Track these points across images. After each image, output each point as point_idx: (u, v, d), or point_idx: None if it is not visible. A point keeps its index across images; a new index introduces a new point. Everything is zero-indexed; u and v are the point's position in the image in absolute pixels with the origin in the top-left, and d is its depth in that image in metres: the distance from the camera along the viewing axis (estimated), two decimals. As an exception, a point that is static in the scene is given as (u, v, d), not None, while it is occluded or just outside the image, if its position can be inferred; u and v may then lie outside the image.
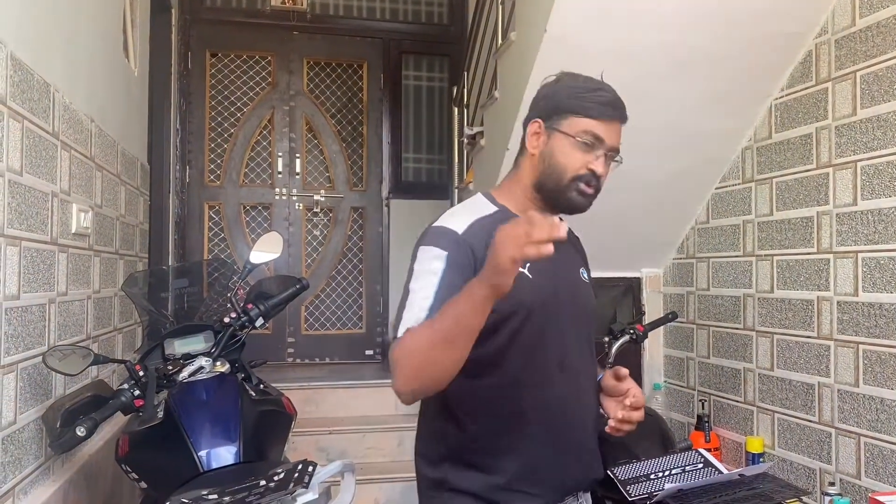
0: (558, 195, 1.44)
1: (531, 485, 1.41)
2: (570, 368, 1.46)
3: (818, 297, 2.69)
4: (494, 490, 1.40)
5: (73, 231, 2.33)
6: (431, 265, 1.35)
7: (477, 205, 1.49)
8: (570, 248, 1.58)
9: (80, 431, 1.72)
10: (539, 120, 1.46)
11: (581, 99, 1.43)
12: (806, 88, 2.77)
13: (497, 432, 1.41)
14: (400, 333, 1.30)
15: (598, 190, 1.44)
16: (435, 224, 1.43)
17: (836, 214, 2.61)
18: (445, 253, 1.35)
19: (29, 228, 1.95)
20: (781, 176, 2.89)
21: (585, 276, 1.59)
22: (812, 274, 2.72)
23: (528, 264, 1.38)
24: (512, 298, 1.27)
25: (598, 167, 1.41)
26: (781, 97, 2.90)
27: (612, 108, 1.43)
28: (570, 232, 1.58)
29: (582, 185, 1.42)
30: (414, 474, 1.53)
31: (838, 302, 2.60)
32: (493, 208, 1.47)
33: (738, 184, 3.16)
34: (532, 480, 1.41)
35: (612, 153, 1.43)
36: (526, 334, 1.40)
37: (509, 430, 1.41)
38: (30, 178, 1.95)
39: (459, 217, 1.43)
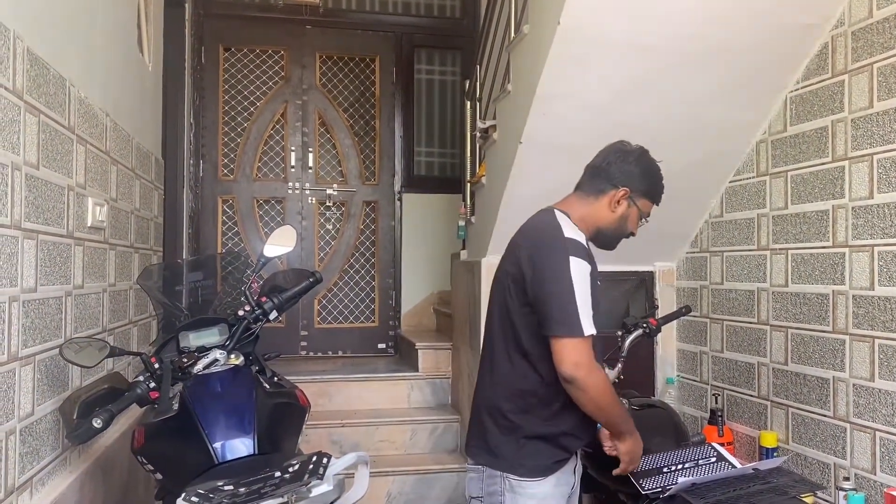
0: (609, 242, 2.00)
1: (586, 434, 1.88)
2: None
3: (833, 291, 2.67)
4: (558, 436, 1.82)
5: (89, 224, 2.35)
6: (585, 276, 1.75)
7: (572, 223, 1.87)
8: None
9: (97, 423, 1.74)
10: (627, 189, 1.92)
11: (659, 190, 2.00)
12: (822, 81, 2.75)
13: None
14: (586, 332, 1.71)
15: None
16: (569, 237, 1.79)
17: (852, 208, 2.58)
18: (590, 268, 1.79)
19: (45, 222, 1.96)
20: (796, 169, 2.87)
21: None
22: (827, 268, 2.70)
23: (598, 279, 1.87)
24: (595, 295, 1.78)
25: (636, 231, 2.02)
26: (797, 90, 2.88)
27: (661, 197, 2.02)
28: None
29: (621, 240, 2.01)
30: (425, 467, 1.68)
31: (854, 296, 2.58)
32: (575, 225, 1.87)
33: (753, 177, 3.14)
34: (585, 429, 1.87)
35: None
36: (596, 320, 1.82)
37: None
38: (46, 172, 1.97)
39: (576, 232, 1.83)
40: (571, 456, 1.88)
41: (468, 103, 4.12)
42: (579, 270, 1.74)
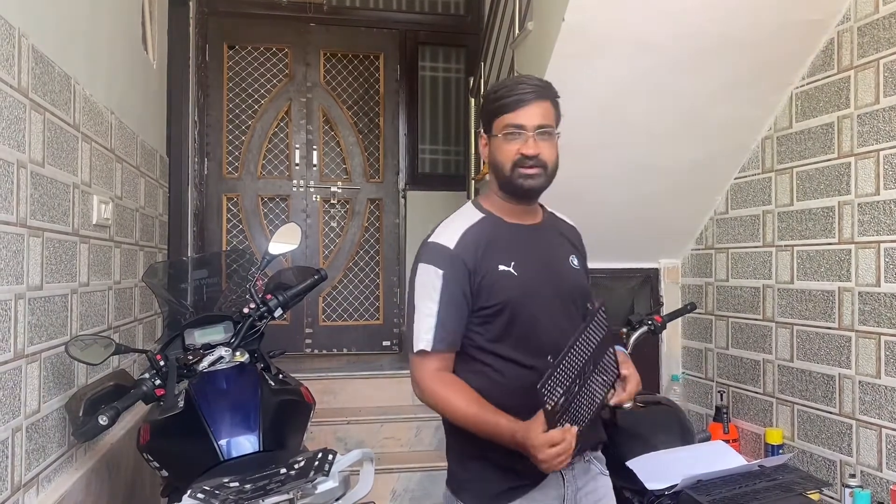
0: (511, 186, 1.62)
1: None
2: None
3: (839, 287, 2.67)
4: (507, 456, 1.50)
5: (94, 222, 2.36)
6: (431, 284, 1.55)
7: (467, 214, 1.68)
8: (562, 239, 1.74)
9: (103, 420, 1.74)
10: (483, 134, 1.67)
11: (495, 101, 1.62)
12: (827, 77, 2.74)
13: (506, 409, 1.50)
14: (415, 348, 1.55)
15: (543, 166, 1.60)
16: (430, 240, 1.62)
17: (858, 204, 2.58)
18: (442, 272, 1.55)
19: (51, 220, 1.97)
20: (802, 165, 2.86)
21: (576, 262, 1.72)
22: (833, 264, 2.69)
23: (513, 262, 1.59)
24: (497, 296, 1.56)
25: (527, 149, 1.57)
26: (802, 86, 2.87)
27: (520, 96, 1.58)
28: (563, 223, 1.78)
29: (521, 170, 1.59)
30: (430, 464, 1.57)
31: (860, 293, 2.57)
32: (479, 215, 1.66)
33: (758, 173, 3.13)
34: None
35: (543, 130, 1.58)
36: (518, 324, 1.57)
37: (514, 408, 1.48)
38: (51, 170, 1.97)
39: (451, 230, 1.62)
40: (533, 485, 1.55)
41: (472, 100, 4.11)
42: (425, 279, 1.57)
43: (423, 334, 1.54)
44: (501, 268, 1.58)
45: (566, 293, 1.66)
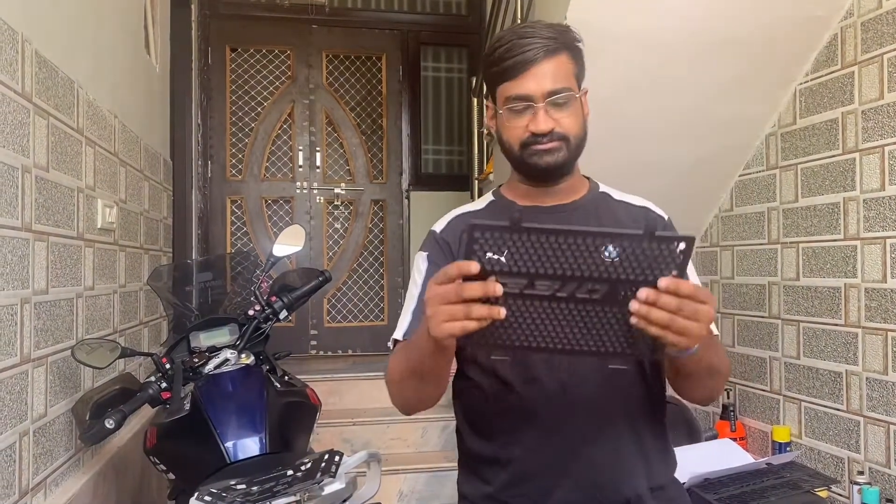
0: (524, 168, 1.31)
1: (518, 495, 1.27)
2: (561, 364, 1.25)
3: (845, 284, 2.65)
4: (485, 499, 1.30)
5: (99, 226, 2.36)
6: (417, 269, 1.34)
7: (478, 201, 1.45)
8: (603, 223, 1.35)
9: (109, 424, 1.75)
10: (489, 102, 1.35)
11: (493, 66, 1.27)
12: (831, 73, 2.73)
13: (488, 438, 1.31)
14: (392, 341, 1.31)
15: (563, 139, 1.27)
16: (430, 230, 1.41)
17: (864, 200, 2.57)
18: (426, 254, 1.34)
19: (56, 224, 1.97)
20: (807, 162, 2.85)
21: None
22: (839, 261, 2.68)
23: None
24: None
25: (537, 125, 1.24)
26: (806, 82, 2.86)
27: (523, 56, 1.23)
28: (620, 204, 1.43)
29: (533, 148, 1.26)
30: (437, 465, 1.51)
31: (866, 289, 2.56)
32: (489, 200, 1.42)
33: (763, 170, 3.12)
34: (520, 490, 1.27)
35: (557, 98, 1.24)
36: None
37: (497, 436, 1.29)
38: (56, 174, 1.97)
39: (449, 215, 1.41)
40: None
41: (475, 100, 4.11)
42: (416, 264, 1.36)
43: (400, 321, 1.30)
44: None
45: None
